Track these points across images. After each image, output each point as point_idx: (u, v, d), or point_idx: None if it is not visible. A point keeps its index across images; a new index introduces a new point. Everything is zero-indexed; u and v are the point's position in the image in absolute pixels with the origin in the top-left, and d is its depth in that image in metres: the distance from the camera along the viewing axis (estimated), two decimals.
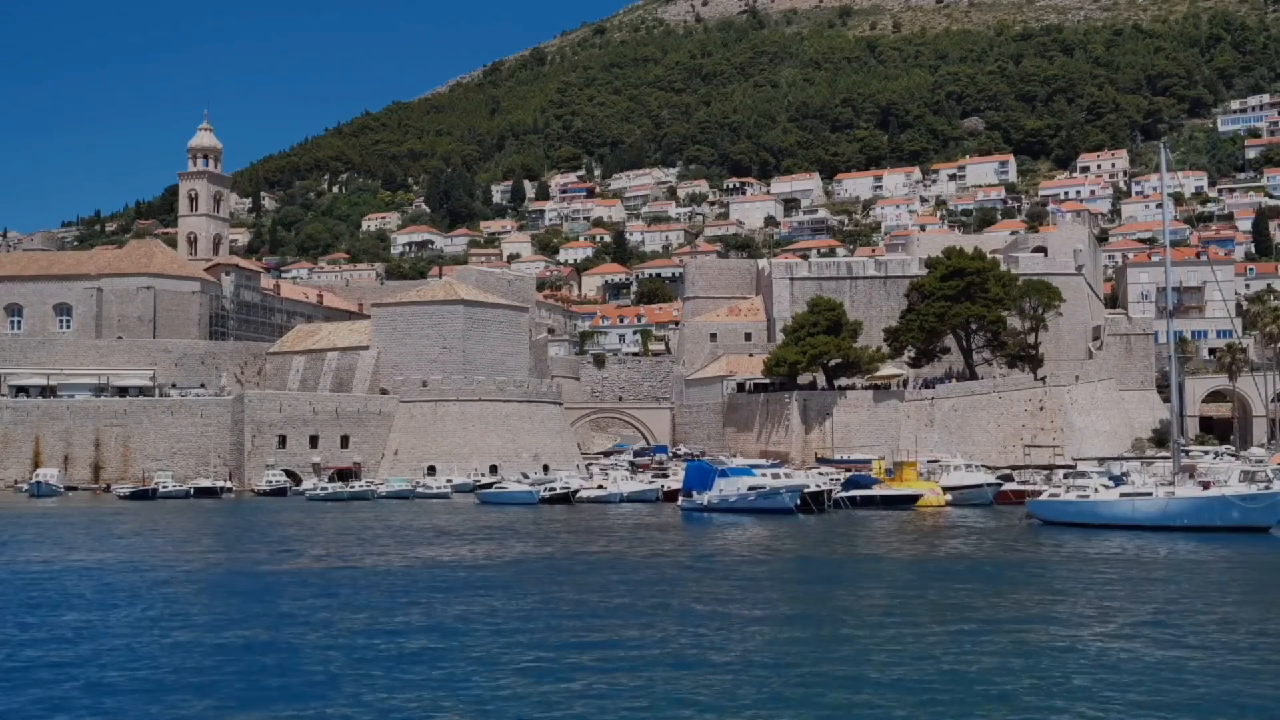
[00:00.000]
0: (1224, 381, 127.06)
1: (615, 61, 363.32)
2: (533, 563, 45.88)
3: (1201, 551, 48.16)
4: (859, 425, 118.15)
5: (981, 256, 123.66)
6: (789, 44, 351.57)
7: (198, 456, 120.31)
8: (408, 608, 32.57)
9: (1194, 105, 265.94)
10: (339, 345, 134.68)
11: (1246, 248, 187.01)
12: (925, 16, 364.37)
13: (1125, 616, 30.28)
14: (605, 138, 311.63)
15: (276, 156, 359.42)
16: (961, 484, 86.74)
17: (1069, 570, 41.88)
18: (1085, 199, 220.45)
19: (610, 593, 35.84)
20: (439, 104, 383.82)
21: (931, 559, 46.98)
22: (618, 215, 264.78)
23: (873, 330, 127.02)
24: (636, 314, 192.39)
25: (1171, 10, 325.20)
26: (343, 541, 56.64)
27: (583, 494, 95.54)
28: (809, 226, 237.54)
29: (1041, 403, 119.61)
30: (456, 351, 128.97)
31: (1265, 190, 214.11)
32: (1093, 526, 59.19)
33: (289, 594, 35.97)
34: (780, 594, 36.31)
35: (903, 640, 26.59)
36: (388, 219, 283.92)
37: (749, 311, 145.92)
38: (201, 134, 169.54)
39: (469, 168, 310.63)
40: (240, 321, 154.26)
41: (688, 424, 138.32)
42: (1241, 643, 26.31)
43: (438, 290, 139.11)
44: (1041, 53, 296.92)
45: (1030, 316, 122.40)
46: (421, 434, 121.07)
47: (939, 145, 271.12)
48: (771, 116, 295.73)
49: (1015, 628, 28.24)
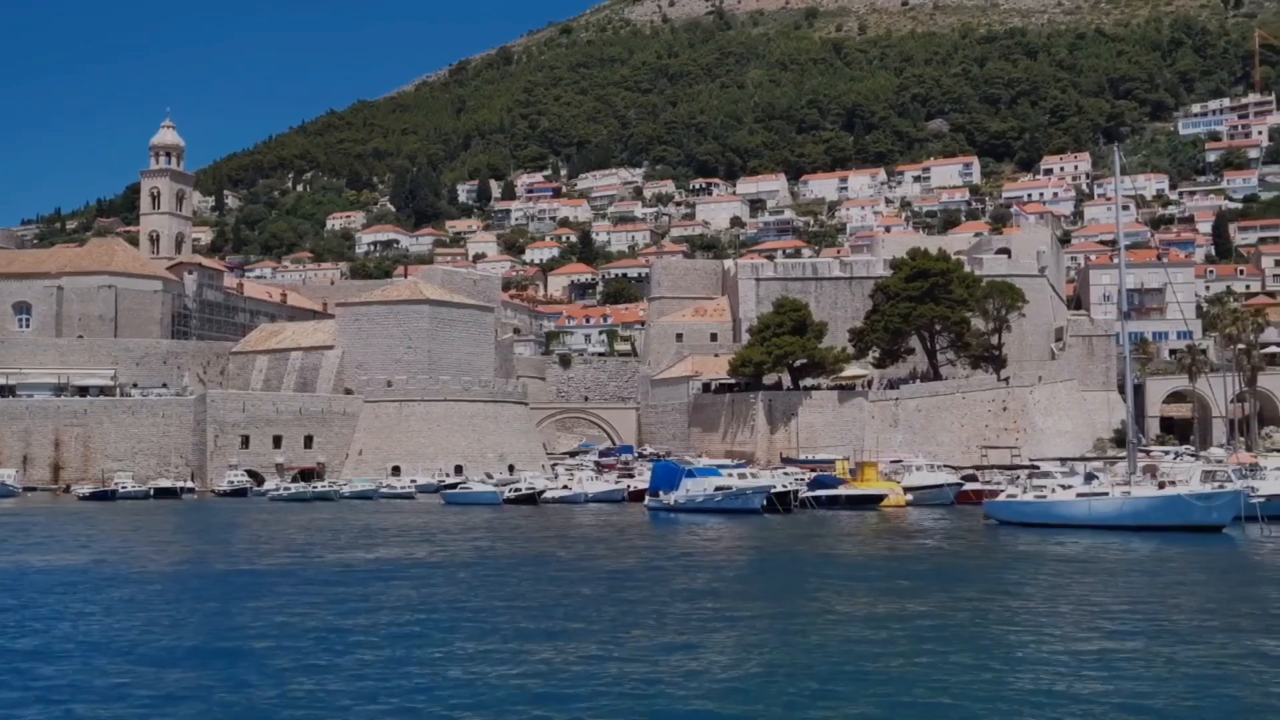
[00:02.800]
0: (1184, 382, 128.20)
1: (582, 61, 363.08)
2: (493, 563, 45.71)
3: (1155, 550, 48.58)
4: (824, 426, 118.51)
5: (946, 258, 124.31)
6: (755, 45, 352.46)
7: (159, 457, 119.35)
8: (359, 607, 32.36)
9: (1155, 109, 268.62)
10: (303, 345, 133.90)
11: (1207, 250, 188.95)
12: (890, 19, 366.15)
13: (1074, 614, 30.49)
14: (571, 137, 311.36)
15: (240, 155, 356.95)
16: (923, 484, 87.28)
17: (1020, 569, 42.14)
18: (1048, 201, 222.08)
19: (576, 592, 35.75)
20: (405, 103, 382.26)
21: (891, 559, 47.15)
22: (584, 215, 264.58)
23: (838, 331, 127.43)
24: (602, 314, 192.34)
25: (1133, 14, 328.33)
26: (300, 541, 56.27)
27: (548, 494, 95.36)
28: (775, 227, 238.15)
29: (1004, 403, 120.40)
30: (421, 351, 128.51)
31: (1225, 193, 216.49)
32: (1050, 526, 59.59)
33: (225, 595, 35.66)
34: (749, 592, 36.34)
35: (853, 641, 26.65)
36: (352, 218, 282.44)
37: (715, 312, 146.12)
38: (164, 131, 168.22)
39: (434, 167, 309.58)
40: (203, 321, 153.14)
41: (653, 424, 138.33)
42: (1188, 638, 26.53)
43: (403, 290, 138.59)
44: (1005, 55, 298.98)
45: (994, 317, 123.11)
46: (386, 434, 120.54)
47: (904, 147, 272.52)
48: (738, 117, 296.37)
49: (967, 626, 28.37)
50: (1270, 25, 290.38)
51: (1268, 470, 73.08)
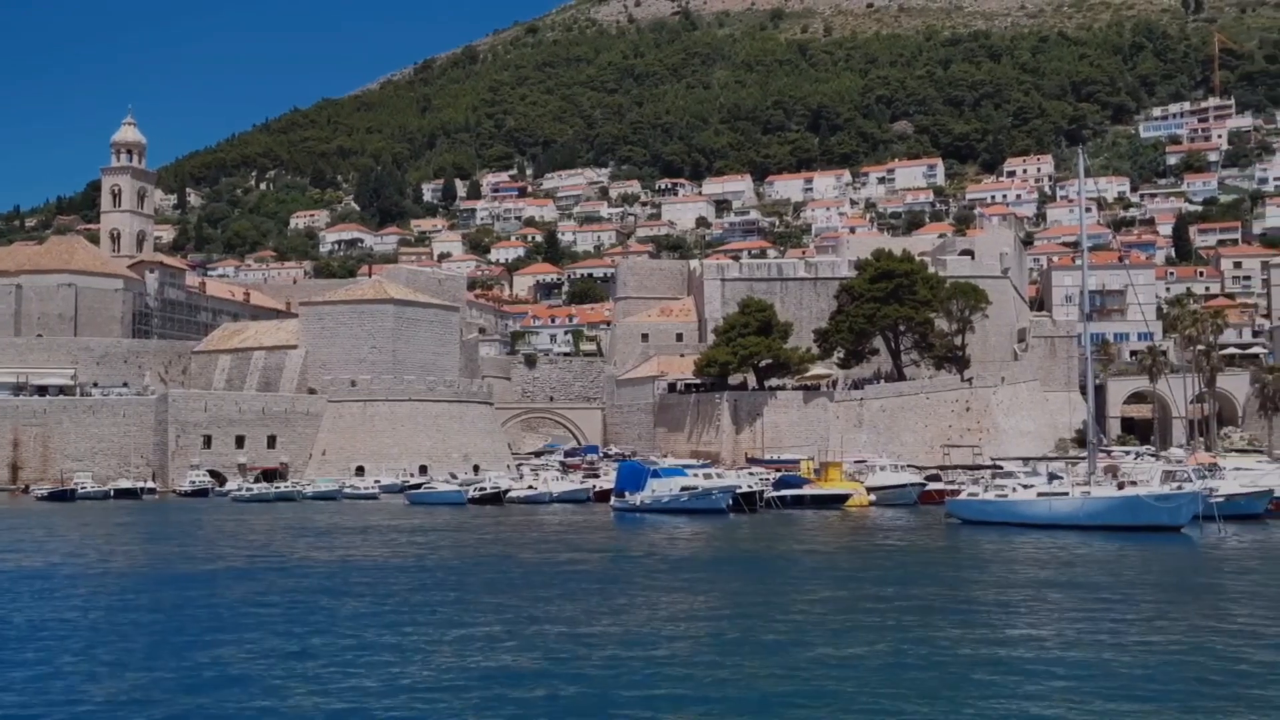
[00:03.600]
0: (1145, 383, 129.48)
1: (548, 61, 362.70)
2: (454, 563, 45.53)
3: (1111, 550, 48.99)
4: (789, 426, 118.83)
5: (910, 259, 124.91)
6: (721, 46, 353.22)
7: (120, 457, 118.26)
8: (313, 609, 32.16)
9: (1117, 111, 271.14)
10: (266, 344, 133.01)
11: (1167, 252, 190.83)
12: (855, 20, 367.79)
13: (1024, 612, 30.72)
14: (537, 137, 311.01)
15: (203, 152, 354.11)
16: (886, 484, 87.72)
17: (978, 568, 42.41)
18: (1011, 203, 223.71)
19: (536, 593, 35.66)
20: (369, 101, 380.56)
21: (852, 558, 47.33)
22: (549, 215, 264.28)
23: (803, 331, 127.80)
24: (568, 314, 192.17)
25: (1095, 18, 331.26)
26: (258, 542, 55.87)
27: (513, 494, 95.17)
28: (740, 228, 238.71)
29: (968, 403, 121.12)
30: (386, 351, 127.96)
31: (1185, 196, 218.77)
32: (1011, 525, 60.02)
33: (175, 596, 35.37)
34: (713, 592, 36.36)
35: (812, 641, 26.72)
36: (316, 216, 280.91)
37: (680, 312, 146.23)
38: (125, 129, 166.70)
39: (399, 166, 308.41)
40: (164, 320, 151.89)
41: (619, 424, 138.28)
42: (1131, 635, 26.78)
43: (367, 289, 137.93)
44: (969, 58, 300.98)
45: (957, 318, 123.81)
46: (350, 434, 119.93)
47: (869, 148, 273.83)
48: (703, 118, 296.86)
49: (925, 622, 28.50)
50: (1230, 30, 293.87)
51: (1226, 471, 73.92)
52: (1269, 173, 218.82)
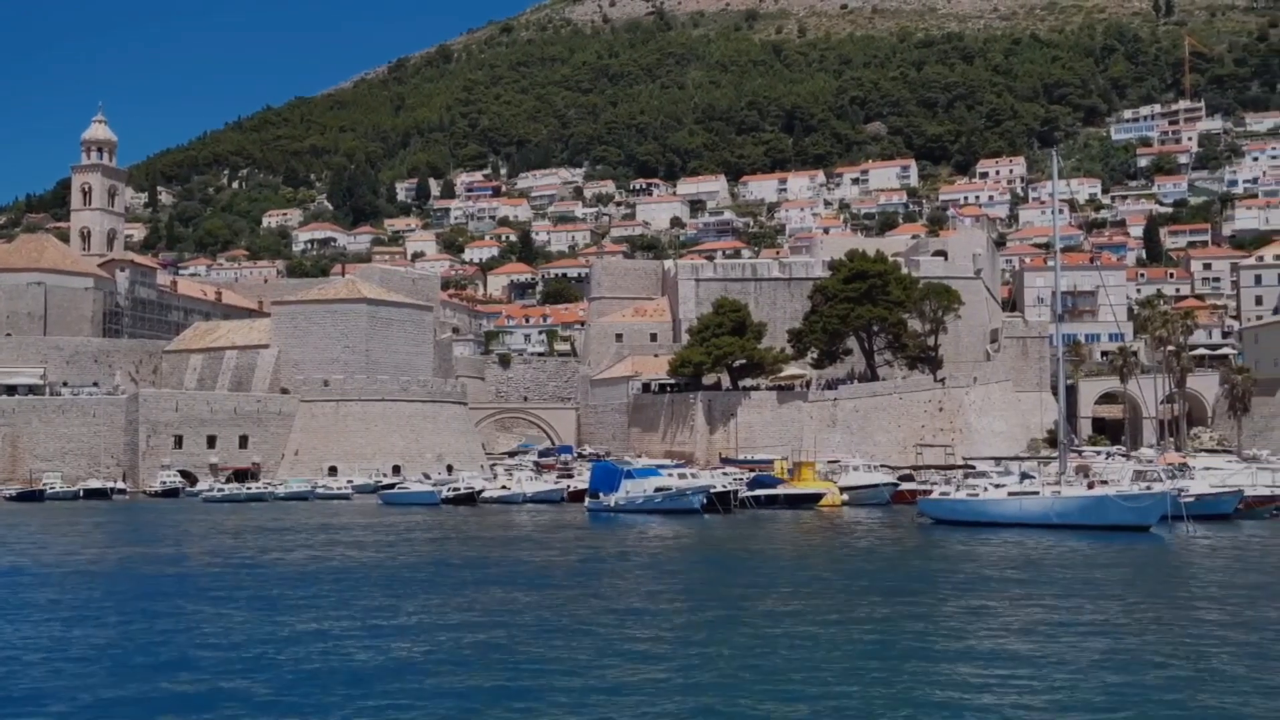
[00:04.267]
0: (1116, 384, 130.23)
1: (522, 60, 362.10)
2: (427, 563, 45.37)
3: (1080, 548, 49.32)
4: (763, 426, 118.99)
5: (883, 259, 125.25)
6: (695, 46, 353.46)
7: (90, 457, 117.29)
8: (280, 610, 31.97)
9: (1089, 114, 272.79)
10: (238, 344, 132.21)
11: (1138, 253, 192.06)
12: (830, 22, 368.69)
13: (989, 609, 30.87)
14: (512, 137, 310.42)
15: (174, 150, 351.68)
16: (859, 484, 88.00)
17: (948, 566, 42.59)
18: (984, 204, 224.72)
19: (508, 594, 35.56)
20: (343, 100, 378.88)
21: (825, 556, 47.43)
22: (524, 215, 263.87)
23: (777, 331, 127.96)
24: (542, 314, 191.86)
25: (1067, 21, 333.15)
26: (227, 543, 55.53)
27: (486, 494, 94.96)
28: (714, 228, 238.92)
29: (940, 404, 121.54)
30: (359, 351, 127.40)
31: (1156, 198, 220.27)
32: (982, 525, 60.32)
33: (135, 597, 35.11)
34: (686, 592, 36.36)
35: (780, 638, 26.76)
36: (289, 215, 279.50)
37: (654, 312, 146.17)
38: (96, 126, 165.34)
39: (373, 165, 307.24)
40: (135, 319, 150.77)
41: (593, 424, 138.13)
42: (1087, 631, 26.94)
43: (340, 288, 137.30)
44: (942, 60, 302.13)
45: (930, 319, 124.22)
46: (323, 434, 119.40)
47: (842, 149, 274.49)
48: (678, 118, 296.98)
49: (889, 622, 28.59)
50: (1200, 33, 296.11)
51: (1196, 471, 74.49)
52: (1238, 175, 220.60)
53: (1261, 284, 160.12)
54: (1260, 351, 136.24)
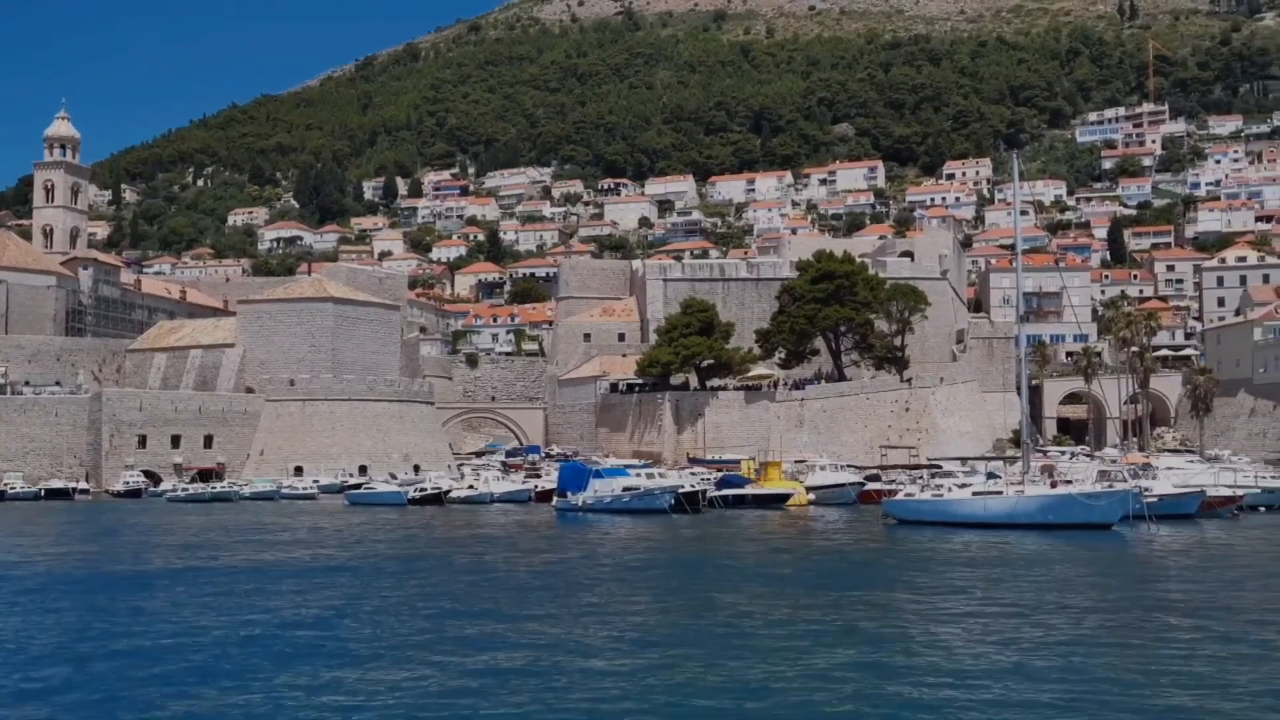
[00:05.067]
0: (1080, 384, 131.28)
1: (490, 59, 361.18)
2: (392, 563, 45.17)
3: (1042, 547, 49.70)
4: (730, 426, 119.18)
5: (850, 260, 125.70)
6: (664, 46, 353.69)
7: (52, 457, 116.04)
8: (238, 611, 31.76)
9: (1054, 116, 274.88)
10: (203, 343, 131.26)
11: (1102, 255, 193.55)
12: (798, 23, 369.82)
13: (946, 606, 31.06)
14: (479, 136, 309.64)
15: (138, 148, 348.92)
16: (825, 484, 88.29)
17: (912, 566, 42.80)
18: (950, 205, 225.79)
19: (475, 594, 35.46)
20: (309, 98, 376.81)
21: (790, 556, 47.56)
22: (492, 214, 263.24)
23: (745, 332, 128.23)
24: (510, 313, 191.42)
25: (1033, 24, 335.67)
26: (190, 543, 55.12)
27: (454, 494, 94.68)
28: (682, 228, 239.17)
29: (907, 404, 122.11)
30: (325, 350, 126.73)
31: (1120, 200, 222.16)
32: (946, 525, 60.63)
33: (86, 598, 34.82)
34: (654, 592, 36.36)
35: (743, 636, 26.82)
36: (255, 214, 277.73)
37: (622, 312, 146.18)
38: (59, 123, 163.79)
39: (340, 163, 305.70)
40: (99, 317, 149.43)
41: (561, 424, 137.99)
42: (1044, 627, 27.15)
43: (306, 287, 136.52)
44: (909, 62, 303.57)
45: (897, 319, 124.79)
46: (288, 434, 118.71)
47: (810, 150, 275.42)
48: (646, 118, 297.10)
49: (856, 621, 28.70)
50: (1164, 37, 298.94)
51: (1159, 470, 75.19)
52: (1201, 178, 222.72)
53: (1223, 286, 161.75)
54: (1222, 352, 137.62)
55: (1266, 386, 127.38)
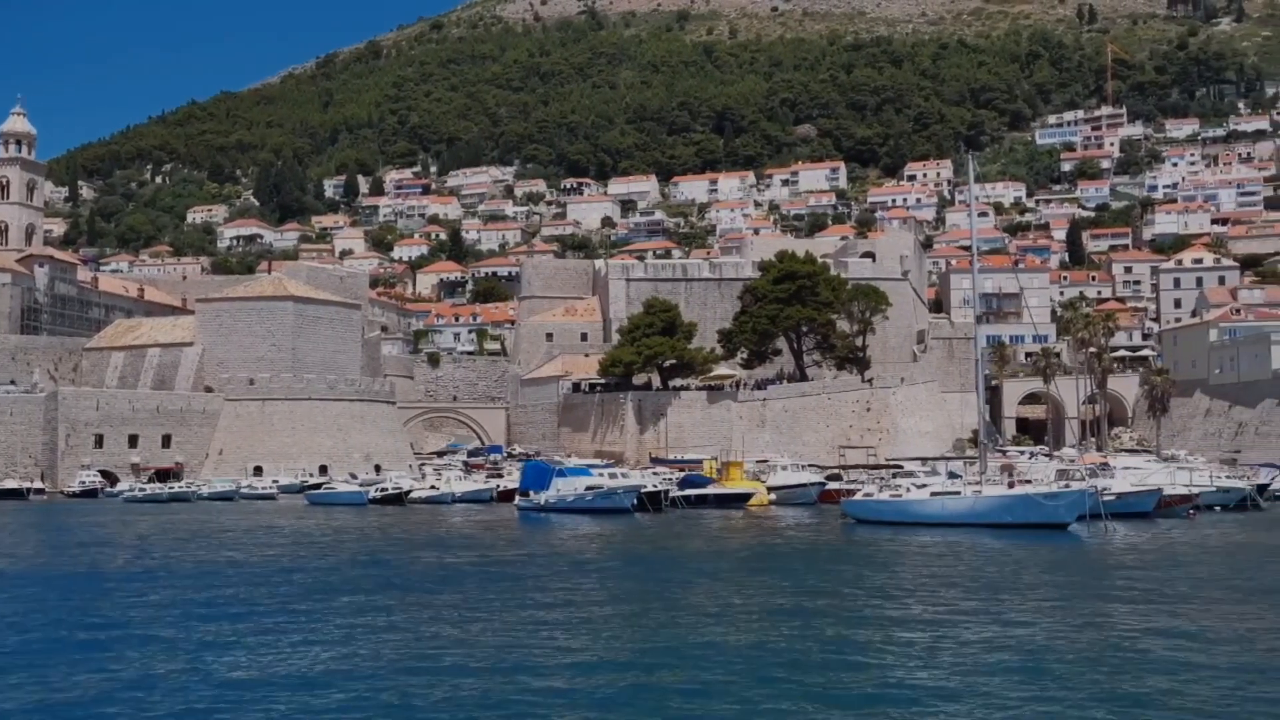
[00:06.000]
0: (1039, 384, 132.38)
1: (453, 58, 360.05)
2: (348, 564, 44.91)
3: (998, 546, 50.12)
4: (693, 425, 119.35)
5: (812, 260, 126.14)
6: (627, 46, 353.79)
7: (6, 457, 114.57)
8: (188, 612, 31.47)
9: (1014, 118, 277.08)
10: (161, 341, 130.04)
11: (1061, 256, 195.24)
12: (760, 24, 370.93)
13: (914, 603, 31.23)
14: (442, 134, 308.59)
15: (96, 144, 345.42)
16: (786, 484, 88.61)
17: (870, 565, 43.04)
18: (912, 206, 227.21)
19: (437, 594, 35.30)
20: (270, 95, 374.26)
21: (749, 555, 47.70)
22: (454, 213, 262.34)
23: (707, 331, 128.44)
24: (472, 313, 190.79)
25: (994, 27, 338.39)
26: (145, 543, 54.57)
27: (415, 494, 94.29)
28: (645, 228, 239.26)
29: (868, 404, 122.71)
30: (286, 349, 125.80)
31: (1079, 201, 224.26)
32: (905, 525, 60.96)
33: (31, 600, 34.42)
34: (616, 591, 36.32)
35: (691, 634, 26.86)
36: (214, 211, 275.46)
37: (585, 312, 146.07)
38: (14, 119, 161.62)
39: (300, 161, 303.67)
40: (54, 316, 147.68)
41: (523, 424, 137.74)
42: (989, 621, 27.37)
43: (266, 286, 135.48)
44: (871, 63, 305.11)
45: (858, 320, 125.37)
46: (248, 433, 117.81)
47: (773, 150, 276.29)
48: (609, 118, 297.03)
49: (802, 619, 28.81)
50: (1122, 41, 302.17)
51: (1117, 470, 75.95)
52: (1158, 180, 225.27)
53: (1180, 287, 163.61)
54: (1179, 353, 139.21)
55: (1222, 387, 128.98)
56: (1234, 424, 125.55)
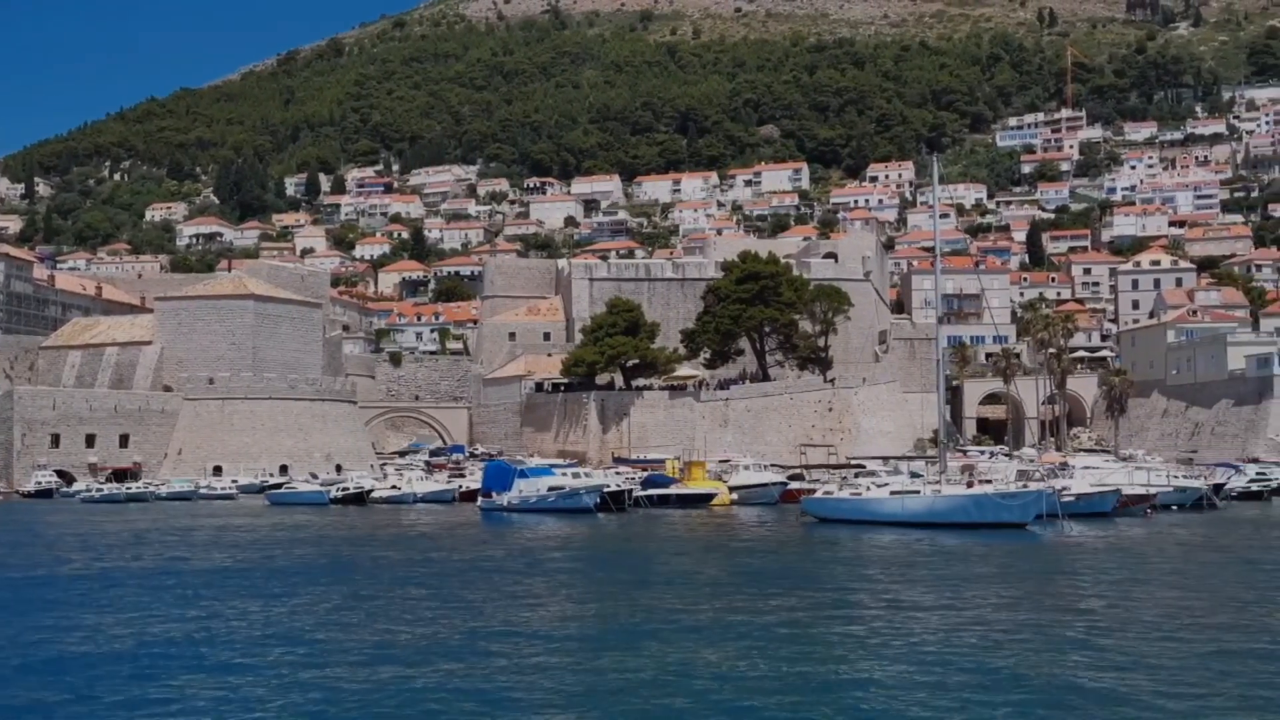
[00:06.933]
0: (999, 385, 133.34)
1: (415, 56, 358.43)
2: (307, 565, 44.62)
3: (956, 545, 50.49)
4: (655, 425, 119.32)
5: (775, 261, 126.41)
6: (590, 46, 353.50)
7: None
8: (130, 615, 31.18)
9: (975, 120, 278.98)
10: (119, 340, 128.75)
11: (1021, 258, 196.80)
12: (724, 25, 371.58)
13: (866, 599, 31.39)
14: (404, 133, 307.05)
15: (53, 141, 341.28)
16: (748, 483, 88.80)
17: (828, 564, 43.21)
18: (874, 207, 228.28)
19: (395, 594, 35.11)
20: (230, 92, 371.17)
21: (710, 554, 47.76)
22: (416, 212, 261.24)
23: (670, 331, 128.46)
24: (434, 312, 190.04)
25: (955, 30, 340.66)
26: (102, 545, 54.02)
27: (376, 494, 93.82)
28: (608, 228, 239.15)
29: (830, 404, 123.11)
30: (246, 348, 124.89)
31: (1038, 203, 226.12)
32: (864, 524, 61.20)
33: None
34: (579, 590, 36.26)
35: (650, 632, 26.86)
36: (174, 209, 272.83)
37: (548, 311, 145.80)
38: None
39: (261, 159, 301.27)
40: (10, 314, 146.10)
41: (485, 424, 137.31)
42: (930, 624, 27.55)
43: (226, 284, 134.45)
44: (834, 65, 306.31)
45: (821, 320, 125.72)
46: (207, 433, 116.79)
47: (736, 151, 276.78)
48: (572, 117, 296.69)
49: (773, 617, 28.88)
50: (1082, 44, 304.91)
51: (1076, 470, 76.57)
52: (1117, 183, 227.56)
53: (1138, 289, 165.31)
54: (1136, 354, 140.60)
55: (1179, 388, 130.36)
56: (1190, 424, 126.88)
